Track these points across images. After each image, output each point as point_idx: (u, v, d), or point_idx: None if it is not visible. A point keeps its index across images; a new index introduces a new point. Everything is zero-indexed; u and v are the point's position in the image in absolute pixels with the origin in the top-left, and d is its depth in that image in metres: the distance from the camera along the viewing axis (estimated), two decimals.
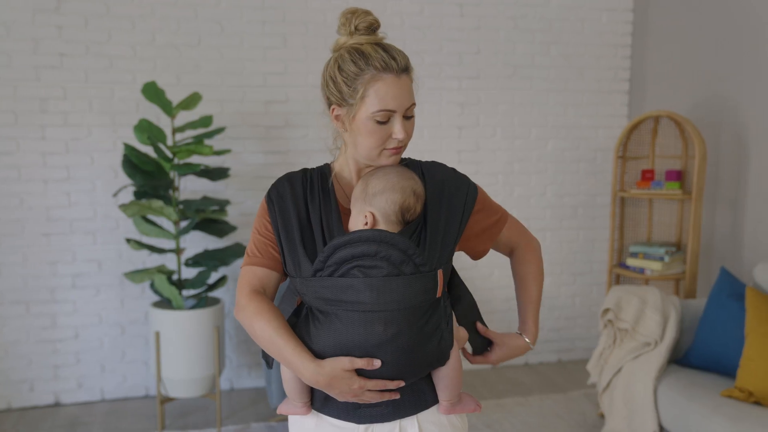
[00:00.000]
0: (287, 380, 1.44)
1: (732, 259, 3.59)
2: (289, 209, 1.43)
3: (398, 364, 1.32)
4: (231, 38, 3.88)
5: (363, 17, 1.41)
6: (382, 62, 1.36)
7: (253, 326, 1.38)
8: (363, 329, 1.29)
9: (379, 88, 1.36)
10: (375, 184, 1.39)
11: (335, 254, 1.33)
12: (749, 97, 3.47)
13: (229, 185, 3.92)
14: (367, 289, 1.30)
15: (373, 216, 1.38)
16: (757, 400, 2.53)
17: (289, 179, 1.47)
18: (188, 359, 3.34)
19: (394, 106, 1.36)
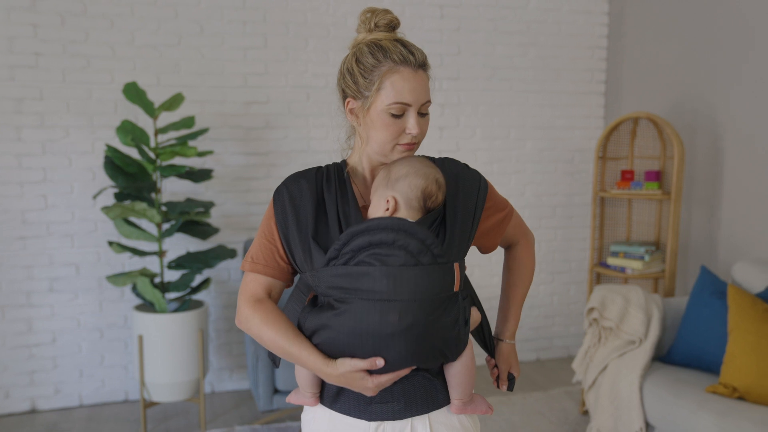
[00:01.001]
0: (300, 372, 1.45)
1: (708, 257, 3.67)
2: (299, 203, 1.42)
3: (410, 355, 1.32)
4: (211, 38, 3.85)
5: (383, 15, 1.43)
6: (401, 55, 1.37)
7: (262, 336, 1.39)
8: (378, 318, 1.28)
9: (395, 80, 1.36)
10: (398, 169, 1.39)
11: (352, 241, 1.32)
12: (724, 99, 3.55)
13: (209, 187, 3.88)
14: (384, 277, 1.29)
15: (395, 200, 1.37)
16: (741, 395, 2.59)
17: (300, 175, 1.47)
18: (172, 363, 3.30)
19: (409, 99, 1.37)
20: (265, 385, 3.06)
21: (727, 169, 3.55)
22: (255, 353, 3.07)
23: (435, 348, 1.34)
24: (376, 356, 1.32)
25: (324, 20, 3.98)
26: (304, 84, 3.99)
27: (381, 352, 1.31)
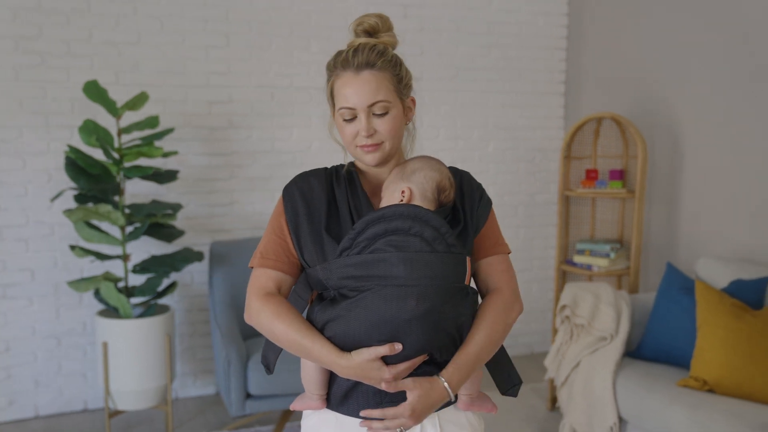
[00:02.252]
0: (306, 372, 1.43)
1: (668, 255, 3.76)
2: (310, 199, 1.43)
3: (426, 340, 1.32)
4: (172, 36, 3.75)
5: (359, 21, 1.45)
6: (343, 62, 1.40)
7: (273, 330, 1.37)
8: (395, 304, 1.28)
9: (339, 86, 1.40)
10: (414, 164, 1.44)
11: (368, 230, 1.33)
12: (682, 98, 3.65)
13: (171, 188, 3.78)
14: (401, 262, 1.29)
15: (410, 191, 1.40)
16: (711, 388, 2.66)
17: (309, 173, 1.49)
18: (138, 369, 3.21)
19: (351, 102, 1.38)
20: (237, 390, 3.00)
21: (686, 168, 3.64)
22: (226, 358, 3.01)
23: (449, 335, 1.35)
24: (393, 340, 1.30)
25: (288, 19, 3.93)
26: (267, 84, 3.93)
27: (398, 339, 1.30)
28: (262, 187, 3.97)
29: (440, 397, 1.35)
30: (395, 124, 1.41)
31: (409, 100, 1.47)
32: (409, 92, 1.47)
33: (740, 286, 2.92)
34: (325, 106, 4.09)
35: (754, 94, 3.25)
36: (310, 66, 4.00)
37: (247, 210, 3.96)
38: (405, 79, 1.43)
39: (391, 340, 1.31)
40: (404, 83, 1.43)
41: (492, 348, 1.40)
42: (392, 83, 1.40)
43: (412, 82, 1.47)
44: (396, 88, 1.41)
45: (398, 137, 1.43)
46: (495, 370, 1.49)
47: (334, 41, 4.01)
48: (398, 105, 1.41)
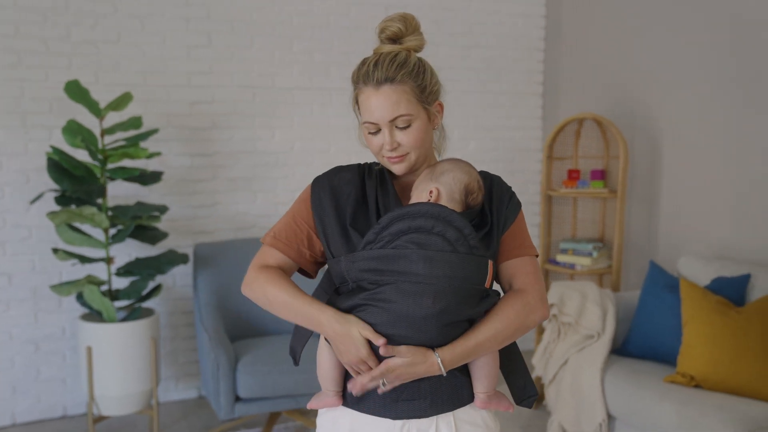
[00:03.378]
0: (323, 369, 1.43)
1: (648, 253, 3.83)
2: (339, 192, 1.45)
3: (438, 338, 1.34)
4: (153, 36, 3.70)
5: (384, 27, 1.44)
6: (364, 76, 1.41)
7: (266, 295, 1.42)
8: (412, 300, 1.30)
9: (362, 100, 1.42)
10: (444, 165, 1.44)
11: (392, 225, 1.35)
12: (660, 99, 3.72)
13: (153, 189, 3.73)
14: (421, 260, 1.31)
15: (438, 191, 1.41)
16: (698, 383, 2.72)
17: (342, 168, 1.52)
18: (122, 374, 3.16)
19: (374, 118, 1.40)
20: (226, 393, 2.97)
21: (665, 168, 3.71)
22: (215, 361, 2.98)
23: (463, 331, 1.36)
24: (407, 339, 1.32)
25: (270, 19, 3.90)
26: (250, 84, 3.90)
27: (412, 335, 1.32)
28: (244, 188, 3.94)
29: (428, 369, 1.34)
30: (419, 135, 1.41)
31: (435, 106, 1.45)
32: (436, 98, 1.45)
33: (722, 283, 2.98)
34: (307, 106, 4.07)
35: (732, 94, 3.33)
36: (293, 66, 3.98)
37: (230, 211, 3.92)
38: (430, 86, 1.42)
39: (405, 336, 1.32)
40: (428, 91, 1.41)
41: (497, 344, 1.38)
42: (414, 94, 1.39)
43: (438, 87, 1.46)
44: (419, 98, 1.39)
45: (424, 146, 1.43)
46: (511, 379, 1.50)
47: (316, 41, 4.00)
48: (422, 115, 1.41)
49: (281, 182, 4.01)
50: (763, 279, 2.92)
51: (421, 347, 1.34)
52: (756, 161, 3.23)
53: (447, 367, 1.35)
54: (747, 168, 3.28)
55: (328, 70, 4.05)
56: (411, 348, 1.33)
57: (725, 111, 3.37)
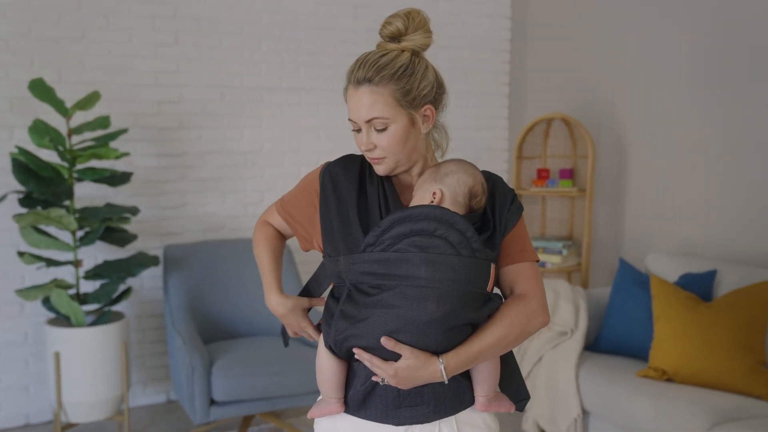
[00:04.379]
0: (323, 375, 1.41)
1: (615, 251, 3.91)
2: (343, 187, 1.44)
3: (446, 342, 1.33)
4: (118, 33, 3.62)
5: (386, 23, 1.42)
6: (350, 72, 1.41)
7: (255, 249, 1.60)
8: (416, 305, 1.29)
9: (347, 97, 1.43)
10: (448, 166, 1.42)
11: (393, 228, 1.33)
12: (626, 99, 3.80)
13: (120, 191, 3.65)
14: (424, 264, 1.29)
15: (441, 193, 1.39)
16: (670, 377, 2.79)
17: (351, 158, 1.50)
18: (92, 380, 3.08)
19: (352, 116, 1.41)
20: (201, 396, 2.92)
21: (630, 167, 3.80)
22: (190, 364, 2.93)
23: (466, 335, 1.36)
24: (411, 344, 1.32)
25: (238, 18, 3.86)
26: (218, 83, 3.85)
27: (416, 340, 1.31)
28: (213, 189, 3.89)
29: (431, 376, 1.33)
30: (395, 139, 1.37)
31: (423, 110, 1.40)
32: (425, 102, 1.39)
33: (690, 279, 3.06)
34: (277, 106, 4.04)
35: (696, 95, 3.42)
36: (261, 66, 3.94)
37: (199, 212, 3.86)
38: (416, 90, 1.37)
39: (410, 341, 1.31)
40: (414, 95, 1.37)
41: (500, 350, 1.38)
42: (393, 97, 1.35)
43: (430, 90, 1.40)
44: (399, 101, 1.36)
45: (404, 151, 1.39)
46: (505, 382, 1.49)
47: (285, 41, 3.97)
48: (401, 119, 1.37)
49: (251, 183, 3.97)
50: (728, 274, 3.01)
51: (425, 352, 1.33)
52: (719, 160, 3.33)
53: (450, 374, 1.34)
54: (710, 166, 3.37)
55: (297, 70, 4.02)
56: (415, 351, 1.32)
57: (689, 111, 3.47)
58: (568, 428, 2.97)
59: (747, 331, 2.73)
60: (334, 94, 4.12)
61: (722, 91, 3.30)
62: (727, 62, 3.27)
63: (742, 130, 3.22)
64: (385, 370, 1.33)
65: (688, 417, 2.54)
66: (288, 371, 3.06)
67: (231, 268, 3.54)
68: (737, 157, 3.25)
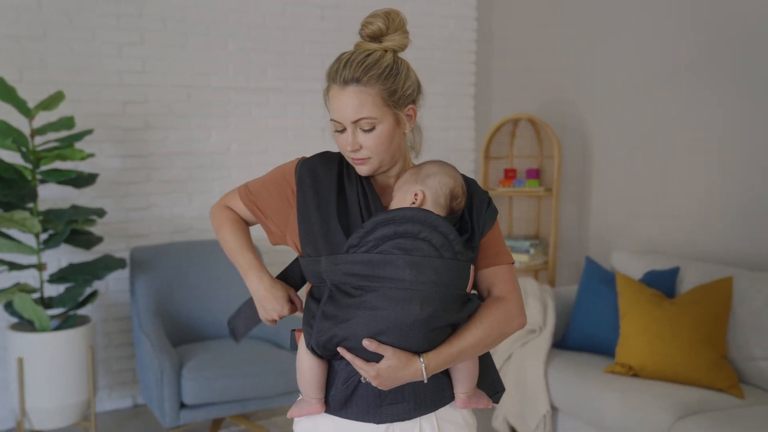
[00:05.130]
0: (304, 375, 1.41)
1: (580, 249, 3.98)
2: (322, 185, 1.43)
3: (428, 345, 1.34)
4: (81, 32, 3.56)
5: (367, 22, 1.42)
6: (334, 72, 1.38)
7: (219, 232, 1.55)
8: (400, 307, 1.29)
9: (330, 97, 1.41)
10: (429, 168, 1.43)
11: (377, 230, 1.33)
12: (589, 100, 3.86)
13: (84, 192, 3.59)
14: (408, 266, 1.30)
15: (423, 194, 1.39)
16: (636, 372, 2.85)
17: (325, 157, 1.48)
18: (58, 385, 3.03)
19: (337, 117, 1.38)
20: (171, 400, 2.89)
21: (595, 167, 3.86)
22: (159, 367, 2.89)
23: (447, 336, 1.37)
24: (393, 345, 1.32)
25: (204, 18, 3.82)
26: (184, 83, 3.81)
27: (399, 342, 1.32)
28: (180, 190, 3.85)
29: (412, 375, 1.34)
30: (382, 139, 1.38)
31: (407, 110, 1.42)
32: (408, 101, 1.41)
33: (654, 276, 3.13)
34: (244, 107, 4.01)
35: (658, 95, 3.50)
36: (228, 66, 3.91)
37: (166, 214, 3.82)
38: (401, 90, 1.38)
39: (392, 342, 1.32)
40: (399, 95, 1.38)
41: (479, 351, 1.40)
42: (381, 97, 1.36)
43: (413, 90, 1.42)
44: (386, 101, 1.36)
45: (388, 151, 1.40)
46: (481, 376, 1.50)
47: (252, 41, 3.95)
48: (388, 119, 1.37)
49: (218, 184, 3.94)
50: (691, 271, 3.08)
51: (406, 352, 1.34)
52: (680, 160, 3.41)
53: (430, 373, 1.35)
54: (672, 167, 3.45)
55: (265, 70, 4.00)
56: (397, 352, 1.33)
57: (652, 111, 3.54)
58: (538, 425, 3.01)
59: (709, 326, 2.80)
60: (302, 94, 4.11)
61: (684, 91, 3.38)
62: (688, 63, 3.35)
63: (702, 132, 3.30)
64: (367, 371, 1.34)
65: (654, 411, 2.60)
66: (259, 373, 3.04)
67: (199, 269, 3.51)
68: (698, 158, 3.33)
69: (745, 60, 3.10)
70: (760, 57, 3.04)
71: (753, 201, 3.10)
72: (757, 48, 3.05)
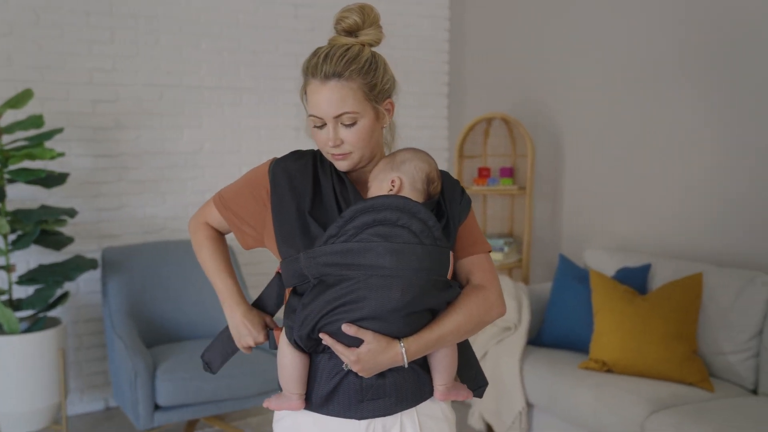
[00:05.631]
0: (285, 370, 1.40)
1: (553, 247, 4.01)
2: (296, 182, 1.43)
3: (406, 330, 1.34)
4: (50, 29, 3.50)
5: (342, 18, 1.41)
6: (313, 67, 1.37)
7: (198, 253, 1.56)
8: (381, 293, 1.29)
9: (309, 92, 1.39)
10: (403, 154, 1.44)
11: (356, 219, 1.33)
12: (561, 99, 3.90)
13: (53, 192, 3.53)
14: (388, 253, 1.30)
15: (400, 180, 1.40)
16: (610, 368, 2.88)
17: (300, 153, 1.49)
18: (28, 389, 2.97)
19: (318, 112, 1.37)
20: (145, 402, 2.86)
21: (567, 166, 3.90)
22: (133, 369, 2.86)
23: (426, 321, 1.37)
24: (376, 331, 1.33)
25: (175, 15, 3.79)
26: (156, 82, 3.77)
27: (379, 328, 1.32)
28: (152, 190, 3.80)
29: (391, 360, 1.34)
30: (363, 134, 1.38)
31: (385, 104, 1.42)
32: (387, 96, 1.42)
33: (626, 273, 3.17)
34: (217, 106, 3.97)
35: (629, 95, 3.54)
36: (201, 65, 3.87)
37: (137, 214, 3.77)
38: (380, 84, 1.39)
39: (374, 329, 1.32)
40: (378, 89, 1.39)
41: (458, 337, 1.41)
42: (362, 91, 1.36)
43: (391, 84, 1.43)
44: (367, 96, 1.37)
45: (369, 145, 1.40)
46: (463, 370, 1.51)
47: (225, 40, 3.92)
48: (369, 113, 1.38)
49: (191, 183, 3.90)
50: (661, 268, 3.13)
51: (386, 337, 1.34)
52: (651, 159, 3.45)
53: (410, 357, 1.36)
54: (642, 165, 3.50)
55: (238, 69, 3.97)
56: (377, 336, 1.33)
57: (621, 111, 3.59)
58: (513, 421, 3.03)
59: (680, 321, 2.85)
60: (276, 93, 4.08)
61: (654, 90, 3.43)
62: (658, 62, 3.40)
63: (672, 131, 3.35)
64: (347, 356, 1.34)
65: (628, 406, 2.63)
66: (234, 374, 3.02)
67: (172, 270, 3.47)
68: (668, 157, 3.38)
69: (715, 58, 3.16)
70: (728, 55, 3.10)
71: (721, 199, 3.16)
72: (725, 45, 3.11)
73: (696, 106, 3.24)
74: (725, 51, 3.11)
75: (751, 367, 2.79)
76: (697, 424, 2.41)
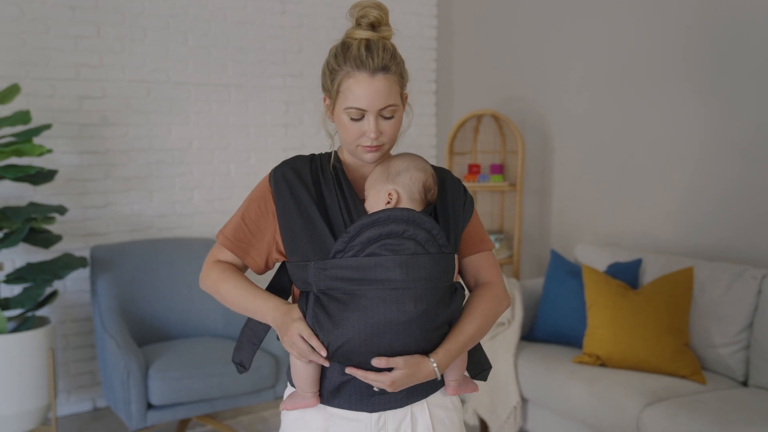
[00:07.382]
0: (299, 370, 1.39)
1: (542, 243, 4.03)
2: (299, 193, 1.41)
3: (425, 340, 1.34)
4: (34, 24, 3.44)
5: (366, 12, 1.40)
6: (358, 60, 1.36)
7: (219, 291, 1.45)
8: (394, 307, 1.30)
9: (350, 85, 1.37)
10: (397, 164, 1.42)
11: (362, 234, 1.33)
12: (548, 96, 3.92)
13: (39, 190, 3.47)
14: (397, 266, 1.31)
15: (397, 194, 1.40)
16: (603, 362, 2.90)
17: (295, 164, 1.46)
18: (16, 390, 2.92)
19: (364, 104, 1.36)
20: (137, 401, 2.82)
21: (556, 163, 3.92)
22: (125, 368, 2.82)
23: (444, 332, 1.38)
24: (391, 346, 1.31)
25: (162, 11, 3.74)
26: (143, 78, 3.73)
27: (396, 342, 1.31)
28: (140, 187, 3.76)
29: (425, 376, 1.36)
30: (398, 126, 1.41)
31: (405, 97, 1.45)
32: (405, 89, 1.45)
33: (618, 268, 3.20)
34: (204, 102, 3.93)
35: (616, 92, 3.57)
36: (188, 61, 3.84)
37: (125, 211, 3.72)
38: (406, 77, 1.43)
39: (390, 344, 1.31)
40: (405, 82, 1.43)
41: (479, 337, 1.44)
42: (399, 85, 1.40)
43: (408, 78, 1.46)
44: (401, 89, 1.41)
45: (396, 137, 1.43)
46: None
47: (213, 36, 3.89)
48: (401, 105, 1.41)
49: (179, 180, 3.86)
50: (653, 263, 3.16)
51: (416, 356, 1.35)
52: (640, 154, 3.48)
53: (442, 370, 1.37)
54: (632, 160, 3.53)
55: (226, 65, 3.94)
56: (407, 359, 1.33)
57: (609, 107, 3.61)
58: (508, 416, 3.04)
59: (672, 315, 2.87)
60: (263, 90, 4.06)
61: (642, 86, 3.46)
62: (646, 58, 3.43)
63: (661, 126, 3.39)
64: (382, 381, 1.34)
65: (622, 399, 2.65)
66: (227, 372, 3.00)
67: (161, 268, 3.43)
68: (657, 152, 3.41)
69: (701, 53, 3.19)
70: (714, 50, 3.14)
71: (710, 194, 3.20)
72: (711, 41, 3.14)
73: (684, 102, 3.28)
74: (712, 47, 3.14)
75: (742, 359, 2.83)
76: (693, 417, 2.44)
